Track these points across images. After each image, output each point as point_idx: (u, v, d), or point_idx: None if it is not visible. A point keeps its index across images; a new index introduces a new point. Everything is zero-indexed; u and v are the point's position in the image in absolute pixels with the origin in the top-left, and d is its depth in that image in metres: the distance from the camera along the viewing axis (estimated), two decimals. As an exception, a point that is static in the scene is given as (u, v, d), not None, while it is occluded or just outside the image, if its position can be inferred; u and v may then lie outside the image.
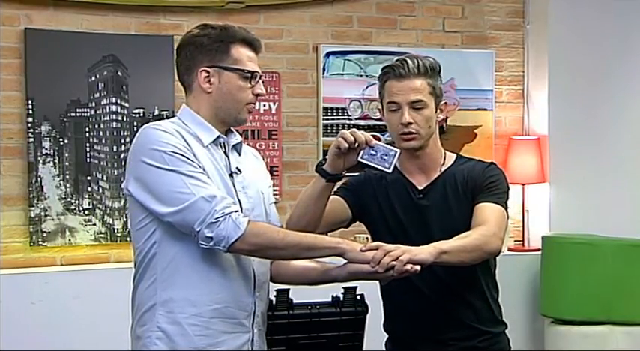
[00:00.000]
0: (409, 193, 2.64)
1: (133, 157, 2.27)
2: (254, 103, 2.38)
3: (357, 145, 2.39)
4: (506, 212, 2.58)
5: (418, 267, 2.24)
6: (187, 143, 2.26)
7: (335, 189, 2.61)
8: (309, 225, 2.49)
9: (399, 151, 2.42)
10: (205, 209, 2.17)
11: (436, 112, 2.61)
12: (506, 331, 2.71)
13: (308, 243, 2.25)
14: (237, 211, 2.21)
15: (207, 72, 2.32)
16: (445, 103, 2.65)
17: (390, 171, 2.41)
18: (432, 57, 2.65)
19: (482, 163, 2.66)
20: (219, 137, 2.34)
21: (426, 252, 2.29)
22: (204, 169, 2.25)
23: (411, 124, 2.56)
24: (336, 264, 2.34)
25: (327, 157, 2.46)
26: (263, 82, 2.40)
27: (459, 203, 2.58)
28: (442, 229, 2.52)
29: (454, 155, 2.70)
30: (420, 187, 2.63)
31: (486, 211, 2.51)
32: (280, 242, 2.23)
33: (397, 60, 2.62)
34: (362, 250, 2.24)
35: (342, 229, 2.71)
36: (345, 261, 2.28)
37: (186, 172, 2.20)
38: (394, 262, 2.20)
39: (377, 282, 2.69)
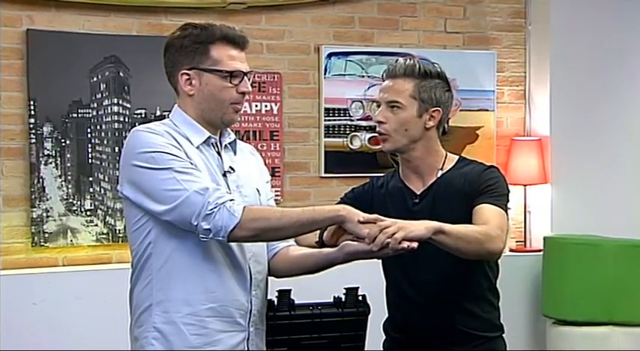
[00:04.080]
0: (405, 200, 2.62)
1: (125, 161, 2.28)
2: (240, 103, 2.35)
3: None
4: (507, 216, 2.53)
5: (415, 244, 2.18)
6: (178, 143, 2.26)
7: (340, 201, 2.66)
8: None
9: None
10: (199, 202, 2.16)
11: (421, 117, 2.55)
12: (504, 335, 2.68)
13: (307, 217, 2.22)
14: (231, 200, 2.19)
15: (188, 75, 2.31)
16: (437, 110, 2.57)
17: None
18: (437, 63, 2.62)
19: (482, 166, 2.61)
20: (209, 138, 2.34)
21: (422, 228, 2.24)
22: (196, 166, 2.25)
23: (382, 123, 2.54)
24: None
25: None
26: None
27: (449, 208, 2.52)
28: None
29: (456, 157, 2.65)
30: (417, 193, 2.61)
31: (487, 212, 2.46)
32: (278, 222, 2.21)
33: (396, 60, 2.62)
34: (360, 221, 2.20)
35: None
36: (342, 243, 2.26)
37: (177, 168, 2.20)
38: (389, 240, 2.15)
39: (376, 282, 2.70)
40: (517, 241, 5.05)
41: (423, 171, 2.61)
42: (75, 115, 4.28)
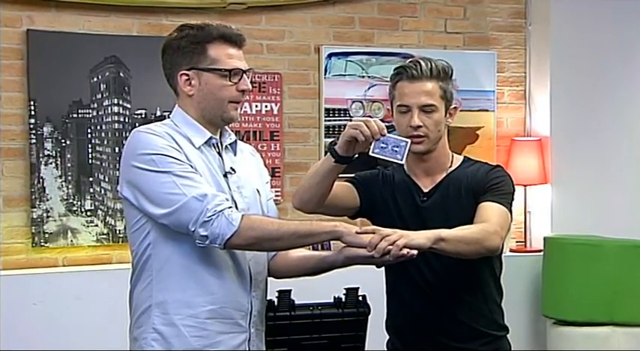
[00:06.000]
0: (413, 196, 2.64)
1: (125, 162, 2.28)
2: (239, 101, 2.35)
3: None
4: (510, 214, 2.56)
5: (415, 252, 2.21)
6: (179, 145, 2.26)
7: (350, 177, 2.67)
8: (311, 201, 2.51)
9: (409, 141, 2.40)
10: (197, 209, 2.17)
11: (446, 116, 2.60)
12: (508, 335, 2.70)
13: (304, 230, 2.23)
14: (230, 208, 2.20)
15: (187, 75, 2.31)
16: (455, 107, 2.64)
17: (402, 162, 2.40)
18: (445, 60, 2.64)
19: (488, 166, 2.65)
20: (211, 138, 2.34)
21: (423, 237, 2.27)
22: (196, 170, 2.25)
23: (420, 127, 2.56)
24: (332, 251, 2.35)
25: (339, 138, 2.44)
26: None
27: (459, 206, 2.56)
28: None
29: (461, 157, 2.69)
30: (425, 190, 2.63)
31: (489, 209, 2.50)
32: (276, 233, 2.22)
33: (410, 61, 2.62)
34: (357, 233, 2.22)
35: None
36: (342, 246, 2.28)
37: (177, 172, 2.21)
38: (390, 247, 2.18)
39: (376, 282, 2.70)
40: (517, 242, 5.05)
41: (433, 170, 2.64)
42: (75, 115, 4.28)
